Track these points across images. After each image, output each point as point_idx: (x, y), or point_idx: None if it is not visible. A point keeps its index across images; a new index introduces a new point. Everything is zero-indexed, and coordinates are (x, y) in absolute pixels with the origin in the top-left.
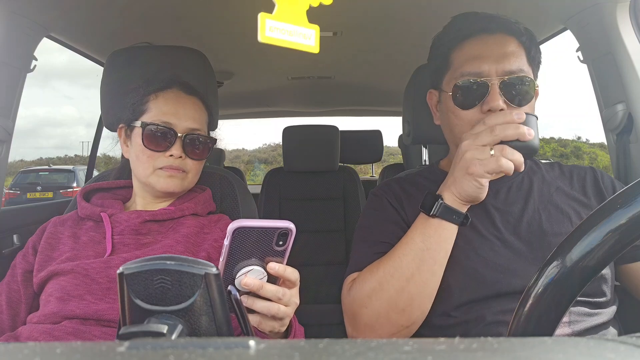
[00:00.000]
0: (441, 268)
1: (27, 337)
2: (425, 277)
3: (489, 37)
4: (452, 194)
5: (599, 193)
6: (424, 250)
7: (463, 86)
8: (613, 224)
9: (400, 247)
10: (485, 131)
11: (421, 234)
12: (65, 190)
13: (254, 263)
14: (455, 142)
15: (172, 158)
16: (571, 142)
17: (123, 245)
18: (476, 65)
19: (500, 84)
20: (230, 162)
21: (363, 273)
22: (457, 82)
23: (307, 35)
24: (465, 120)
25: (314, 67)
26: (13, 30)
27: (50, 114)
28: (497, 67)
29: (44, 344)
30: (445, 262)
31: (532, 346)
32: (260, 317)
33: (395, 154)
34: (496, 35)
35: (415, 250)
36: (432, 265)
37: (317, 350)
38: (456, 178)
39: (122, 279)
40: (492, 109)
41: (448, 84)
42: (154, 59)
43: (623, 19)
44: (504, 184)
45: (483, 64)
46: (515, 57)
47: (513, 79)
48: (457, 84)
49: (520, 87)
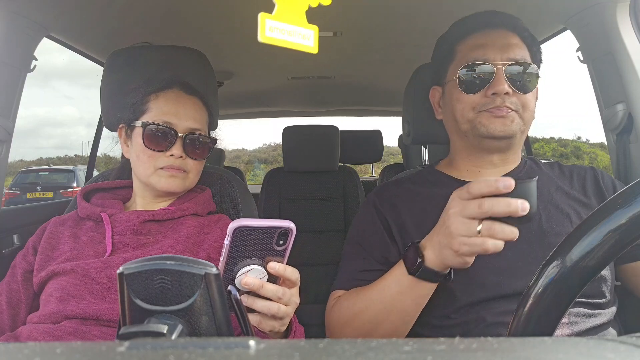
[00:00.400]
0: (413, 318)
1: (27, 337)
2: (396, 324)
3: (492, 30)
4: (434, 257)
5: (599, 193)
6: (397, 301)
7: (469, 70)
8: (613, 224)
9: (375, 290)
10: (472, 203)
11: (397, 284)
12: (65, 190)
13: (255, 262)
14: (456, 131)
15: (173, 158)
16: (571, 142)
17: (123, 245)
18: (481, 53)
19: (505, 69)
20: (230, 162)
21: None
22: (463, 66)
23: (307, 35)
24: (468, 103)
25: (314, 67)
26: (13, 30)
27: (51, 114)
28: (501, 55)
29: (44, 344)
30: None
31: (532, 346)
32: (260, 317)
33: (395, 154)
34: (499, 30)
35: (389, 299)
36: (404, 316)
37: (317, 350)
38: (441, 245)
39: (122, 278)
40: (497, 92)
41: (453, 72)
42: (154, 59)
43: (623, 19)
44: None
45: (488, 52)
46: (519, 49)
47: (517, 64)
48: (463, 68)
49: (525, 73)
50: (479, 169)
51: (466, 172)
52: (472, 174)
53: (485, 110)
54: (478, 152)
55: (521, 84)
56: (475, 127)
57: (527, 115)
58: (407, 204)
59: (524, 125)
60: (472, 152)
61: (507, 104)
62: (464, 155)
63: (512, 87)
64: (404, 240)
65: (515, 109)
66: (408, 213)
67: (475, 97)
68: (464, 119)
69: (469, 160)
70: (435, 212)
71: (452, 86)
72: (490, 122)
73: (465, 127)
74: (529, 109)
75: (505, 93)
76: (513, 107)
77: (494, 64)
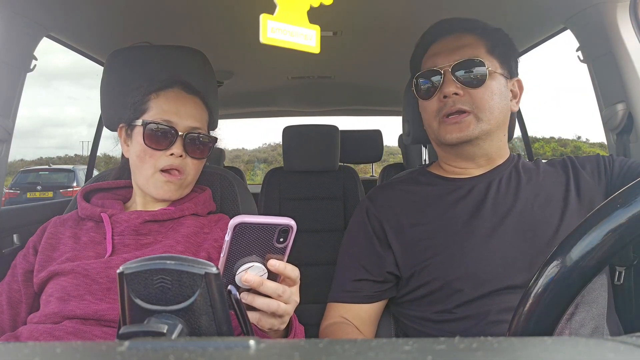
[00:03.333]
0: None
1: (27, 337)
2: None
3: (444, 38)
4: None
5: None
6: None
7: (422, 80)
8: (613, 223)
9: None
10: None
11: None
12: (65, 190)
13: (255, 260)
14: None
15: (173, 157)
16: (571, 142)
17: (123, 246)
18: (431, 62)
19: (451, 70)
20: (230, 162)
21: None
22: (416, 76)
23: (308, 35)
24: (429, 110)
25: (314, 67)
26: (13, 30)
27: (53, 114)
28: (449, 59)
29: (44, 344)
30: None
31: (532, 346)
32: (260, 314)
33: (395, 154)
34: (451, 35)
35: None
36: None
37: (317, 350)
38: None
39: (122, 278)
40: (446, 94)
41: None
42: (154, 59)
43: (623, 19)
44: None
45: (437, 59)
46: (470, 48)
47: (462, 63)
48: (416, 77)
49: (472, 69)
50: (465, 170)
51: (455, 173)
52: (461, 174)
53: (442, 121)
54: (456, 157)
55: (469, 81)
56: (439, 138)
57: (487, 115)
58: (402, 204)
59: (485, 125)
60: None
61: (460, 106)
62: (449, 159)
63: (463, 86)
64: (400, 242)
65: (470, 109)
66: (404, 213)
67: (432, 103)
68: (430, 129)
69: (455, 163)
70: (430, 211)
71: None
72: (447, 132)
73: (433, 137)
74: (487, 107)
75: (455, 94)
76: (467, 107)
77: (441, 68)
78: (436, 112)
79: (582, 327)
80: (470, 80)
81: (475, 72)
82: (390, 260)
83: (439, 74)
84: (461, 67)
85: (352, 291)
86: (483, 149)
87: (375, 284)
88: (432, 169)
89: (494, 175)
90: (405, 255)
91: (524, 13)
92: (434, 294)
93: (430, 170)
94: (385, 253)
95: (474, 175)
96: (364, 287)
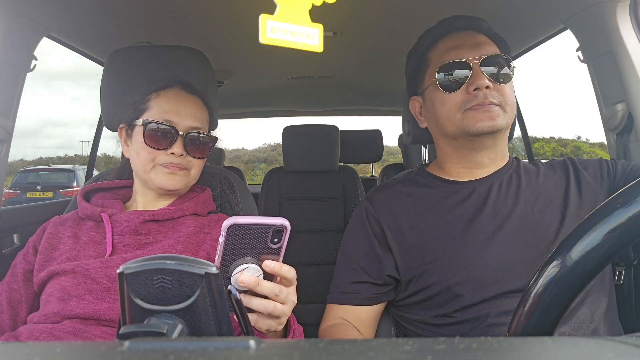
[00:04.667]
0: None
1: (27, 337)
2: None
3: (460, 33)
4: None
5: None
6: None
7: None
8: (613, 223)
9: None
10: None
11: None
12: (65, 189)
13: (250, 261)
14: (443, 135)
15: (173, 156)
16: (571, 142)
17: (123, 246)
18: (455, 54)
19: (481, 63)
20: (230, 162)
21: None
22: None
23: (311, 34)
24: (452, 103)
25: (314, 67)
26: (13, 30)
27: (55, 114)
28: (474, 53)
29: (44, 344)
30: None
31: (532, 346)
32: (257, 315)
33: (395, 154)
34: (466, 31)
35: None
36: None
37: (317, 350)
38: None
39: (122, 278)
40: (478, 87)
41: (430, 78)
42: (154, 59)
43: (623, 19)
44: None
45: (461, 51)
46: (489, 45)
47: (491, 58)
48: (440, 70)
49: (500, 66)
50: (469, 170)
51: (457, 174)
52: (463, 175)
53: (470, 109)
54: (468, 153)
55: (499, 76)
56: (464, 128)
57: (510, 109)
58: (401, 205)
59: (509, 119)
60: (462, 154)
61: (490, 99)
62: (454, 158)
63: (492, 81)
64: (400, 244)
65: (498, 102)
66: (403, 215)
67: (457, 96)
68: (450, 122)
69: (459, 163)
70: (430, 214)
71: (431, 91)
72: (478, 119)
73: (452, 130)
74: (510, 102)
75: (487, 87)
76: (496, 101)
77: (469, 61)
78: (461, 104)
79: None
80: (500, 75)
81: (504, 68)
82: (390, 263)
83: (466, 67)
84: (490, 62)
85: (351, 293)
86: (498, 143)
87: (374, 287)
88: (431, 169)
89: (495, 179)
90: (405, 258)
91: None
92: (433, 298)
93: (429, 170)
94: (385, 256)
95: (476, 178)
96: (364, 289)
